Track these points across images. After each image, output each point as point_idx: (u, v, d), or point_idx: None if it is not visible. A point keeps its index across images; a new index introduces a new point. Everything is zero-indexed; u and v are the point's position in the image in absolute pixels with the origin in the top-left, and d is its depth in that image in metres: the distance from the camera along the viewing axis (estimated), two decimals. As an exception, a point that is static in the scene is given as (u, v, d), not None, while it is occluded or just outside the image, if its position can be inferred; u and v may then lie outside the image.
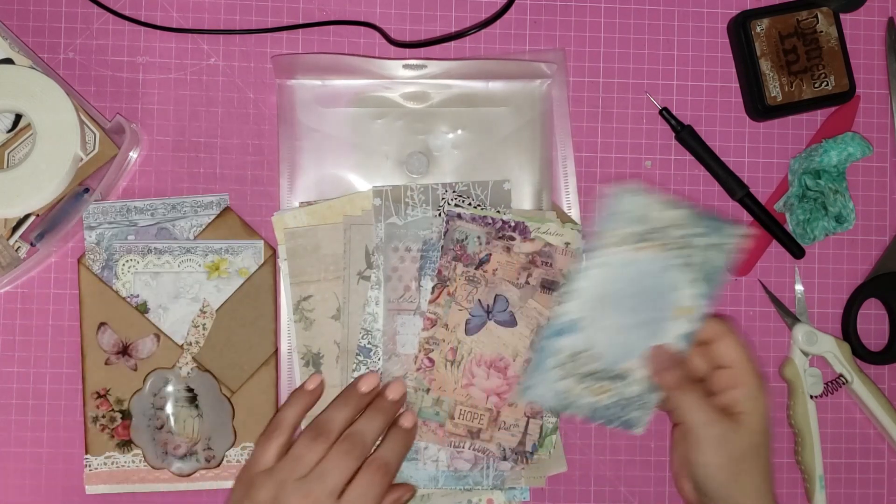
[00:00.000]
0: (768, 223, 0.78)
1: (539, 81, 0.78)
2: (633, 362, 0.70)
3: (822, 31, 0.78)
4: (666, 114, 0.79)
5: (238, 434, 0.75)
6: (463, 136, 0.77)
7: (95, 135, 0.74)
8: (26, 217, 0.74)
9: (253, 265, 0.75)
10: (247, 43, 0.78)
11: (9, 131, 0.74)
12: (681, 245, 0.69)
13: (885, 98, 0.81)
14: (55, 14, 0.77)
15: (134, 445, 0.74)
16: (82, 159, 0.73)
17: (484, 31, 0.79)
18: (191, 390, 0.74)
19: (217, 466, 0.74)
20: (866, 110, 0.81)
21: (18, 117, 0.74)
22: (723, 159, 0.79)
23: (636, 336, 0.70)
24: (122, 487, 0.74)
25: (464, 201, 0.74)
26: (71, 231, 0.74)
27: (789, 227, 0.79)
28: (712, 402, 0.67)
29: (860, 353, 0.79)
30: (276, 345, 0.75)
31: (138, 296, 0.74)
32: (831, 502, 0.79)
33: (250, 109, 0.77)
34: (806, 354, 0.78)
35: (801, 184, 0.78)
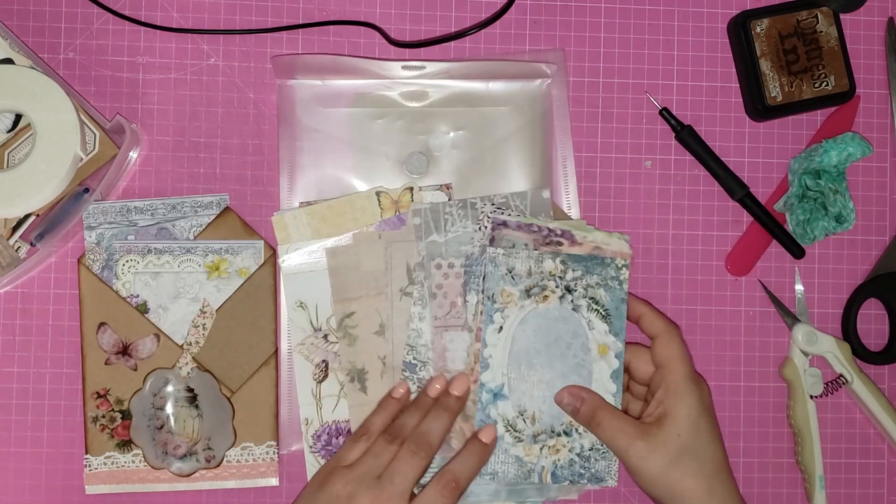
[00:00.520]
0: (768, 223, 0.78)
1: (539, 81, 0.78)
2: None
3: (822, 31, 0.78)
4: (666, 114, 0.79)
5: (238, 434, 0.75)
6: (463, 136, 0.77)
7: (95, 135, 0.74)
8: (26, 217, 0.74)
9: (253, 265, 0.75)
10: (247, 43, 0.78)
11: (9, 131, 0.74)
12: (568, 289, 0.71)
13: (885, 98, 0.81)
14: (55, 14, 0.77)
15: (134, 445, 0.74)
16: (82, 159, 0.73)
17: (484, 31, 0.79)
18: (191, 390, 0.74)
19: (217, 466, 0.74)
20: (866, 110, 0.81)
21: (18, 117, 0.74)
22: (723, 159, 0.79)
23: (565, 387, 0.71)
24: (122, 487, 0.74)
25: (503, 213, 0.73)
26: (71, 231, 0.74)
27: (789, 227, 0.79)
28: (632, 418, 0.69)
29: (860, 353, 0.79)
30: (275, 345, 0.75)
31: (138, 296, 0.74)
32: (831, 502, 0.79)
33: (250, 109, 0.77)
34: (806, 354, 0.78)
35: (801, 184, 0.78)
